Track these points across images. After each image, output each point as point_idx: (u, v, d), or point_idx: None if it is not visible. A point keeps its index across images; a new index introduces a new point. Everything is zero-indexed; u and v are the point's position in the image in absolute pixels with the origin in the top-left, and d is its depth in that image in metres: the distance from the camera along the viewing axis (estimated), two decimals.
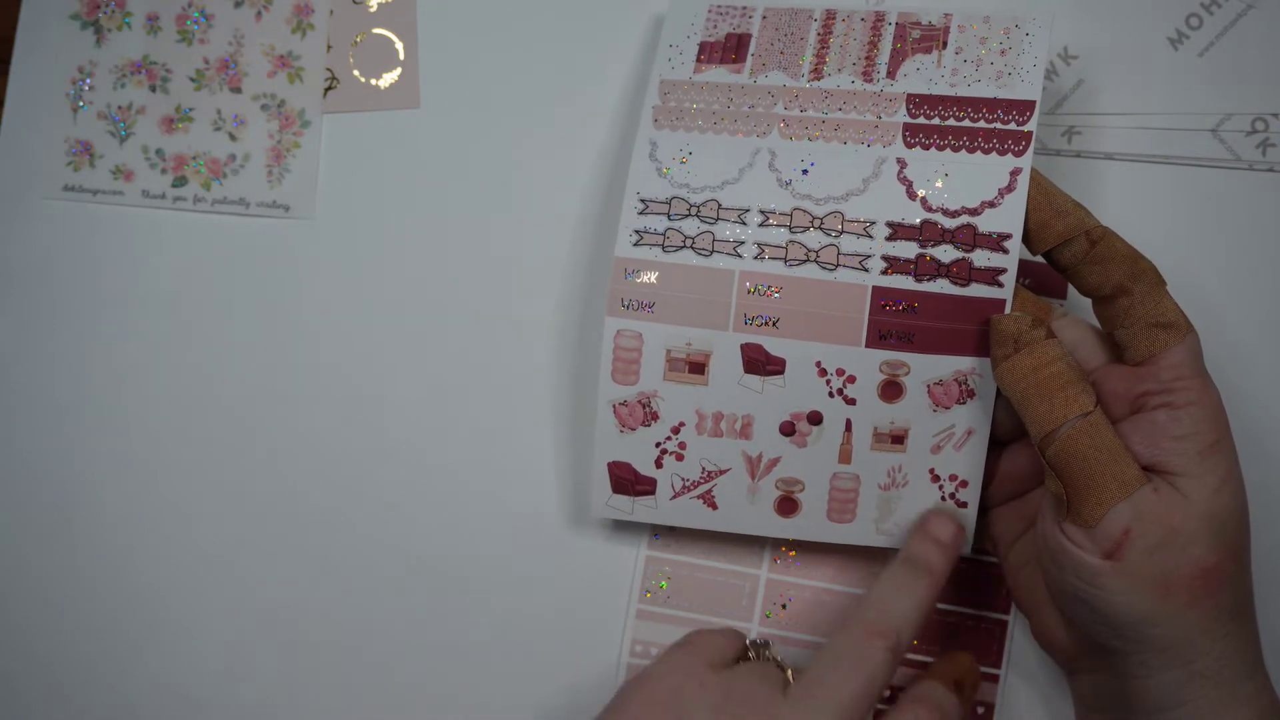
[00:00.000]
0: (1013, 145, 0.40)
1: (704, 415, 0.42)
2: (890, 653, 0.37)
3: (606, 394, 0.42)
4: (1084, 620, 0.38)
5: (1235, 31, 0.47)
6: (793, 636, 0.46)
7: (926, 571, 0.40)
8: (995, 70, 0.41)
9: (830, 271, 0.41)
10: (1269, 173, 0.47)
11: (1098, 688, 0.40)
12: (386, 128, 0.49)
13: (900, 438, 0.42)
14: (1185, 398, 0.37)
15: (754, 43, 0.43)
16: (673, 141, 0.42)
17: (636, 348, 0.42)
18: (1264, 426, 0.46)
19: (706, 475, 0.43)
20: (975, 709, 0.46)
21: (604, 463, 0.43)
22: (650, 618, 0.46)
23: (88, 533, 0.47)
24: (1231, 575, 0.37)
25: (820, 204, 0.41)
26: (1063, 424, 0.37)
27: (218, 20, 0.49)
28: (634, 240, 0.42)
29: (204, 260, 0.48)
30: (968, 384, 0.41)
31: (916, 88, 0.41)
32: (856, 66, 0.42)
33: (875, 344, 0.41)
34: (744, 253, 0.41)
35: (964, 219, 0.40)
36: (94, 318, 0.48)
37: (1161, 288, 0.39)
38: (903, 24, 0.43)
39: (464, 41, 0.49)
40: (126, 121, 0.49)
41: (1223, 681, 0.37)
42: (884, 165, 0.41)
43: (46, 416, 0.48)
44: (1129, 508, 0.36)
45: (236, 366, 0.48)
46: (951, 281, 0.40)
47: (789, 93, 0.42)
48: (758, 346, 0.41)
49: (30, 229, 0.48)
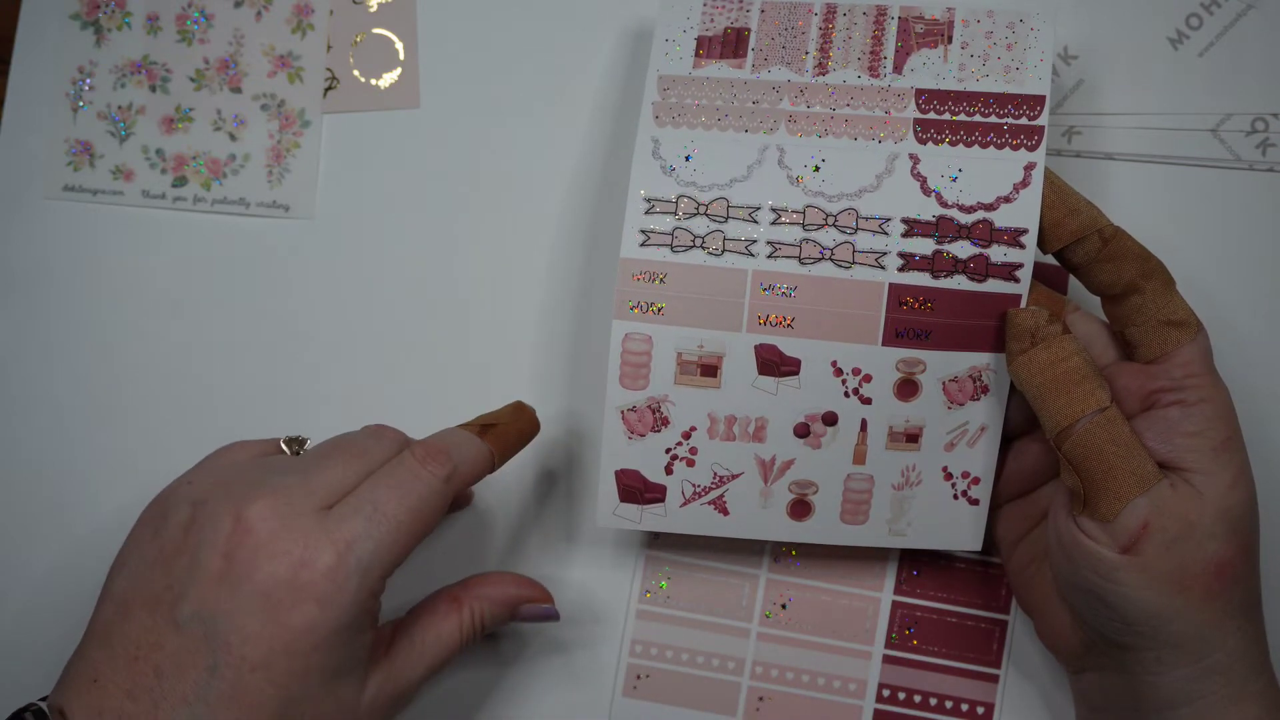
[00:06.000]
0: (1025, 140, 0.40)
1: (716, 419, 0.41)
2: (445, 482, 0.37)
3: (614, 400, 0.41)
4: (1097, 617, 0.38)
5: (1235, 31, 0.47)
6: (793, 636, 0.46)
7: (497, 437, 0.40)
8: (1003, 65, 0.41)
9: (846, 269, 0.40)
10: (1269, 173, 0.47)
11: (1104, 686, 0.40)
12: (386, 128, 0.49)
13: (915, 436, 0.41)
14: (1197, 395, 0.38)
15: (754, 37, 0.42)
16: (676, 139, 0.41)
17: (646, 351, 0.41)
18: (1265, 425, 0.46)
19: (718, 480, 0.42)
20: (975, 709, 0.46)
21: (611, 471, 0.42)
22: (650, 618, 0.46)
23: (88, 533, 0.47)
24: (1244, 571, 0.37)
25: (833, 201, 0.40)
26: (1080, 418, 0.37)
27: (218, 20, 0.49)
28: (641, 240, 0.41)
29: (204, 260, 0.48)
30: (982, 380, 0.41)
31: (925, 83, 0.41)
32: (862, 62, 0.41)
33: (892, 342, 0.41)
34: (756, 251, 0.41)
35: (980, 214, 0.40)
36: (94, 318, 0.48)
37: (1172, 286, 0.39)
38: (905, 18, 0.42)
39: (464, 42, 0.49)
40: (126, 121, 0.49)
41: (1233, 678, 0.37)
42: (897, 161, 0.40)
43: (46, 416, 0.48)
44: (1147, 502, 0.36)
45: (236, 366, 0.48)
46: (968, 277, 0.40)
47: (794, 88, 0.41)
48: (772, 347, 0.41)
49: (30, 229, 0.48)
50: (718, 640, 0.46)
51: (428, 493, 0.37)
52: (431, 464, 0.38)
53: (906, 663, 0.46)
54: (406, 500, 0.37)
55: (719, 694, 0.46)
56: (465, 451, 0.39)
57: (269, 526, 0.35)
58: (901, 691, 0.46)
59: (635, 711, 0.46)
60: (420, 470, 0.37)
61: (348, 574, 0.35)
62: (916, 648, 0.46)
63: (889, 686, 0.46)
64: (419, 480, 0.37)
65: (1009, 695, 0.46)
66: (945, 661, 0.46)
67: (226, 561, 0.35)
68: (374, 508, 0.36)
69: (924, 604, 0.46)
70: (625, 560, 0.46)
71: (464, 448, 0.39)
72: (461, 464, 0.38)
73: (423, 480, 0.37)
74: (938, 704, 0.46)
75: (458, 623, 0.40)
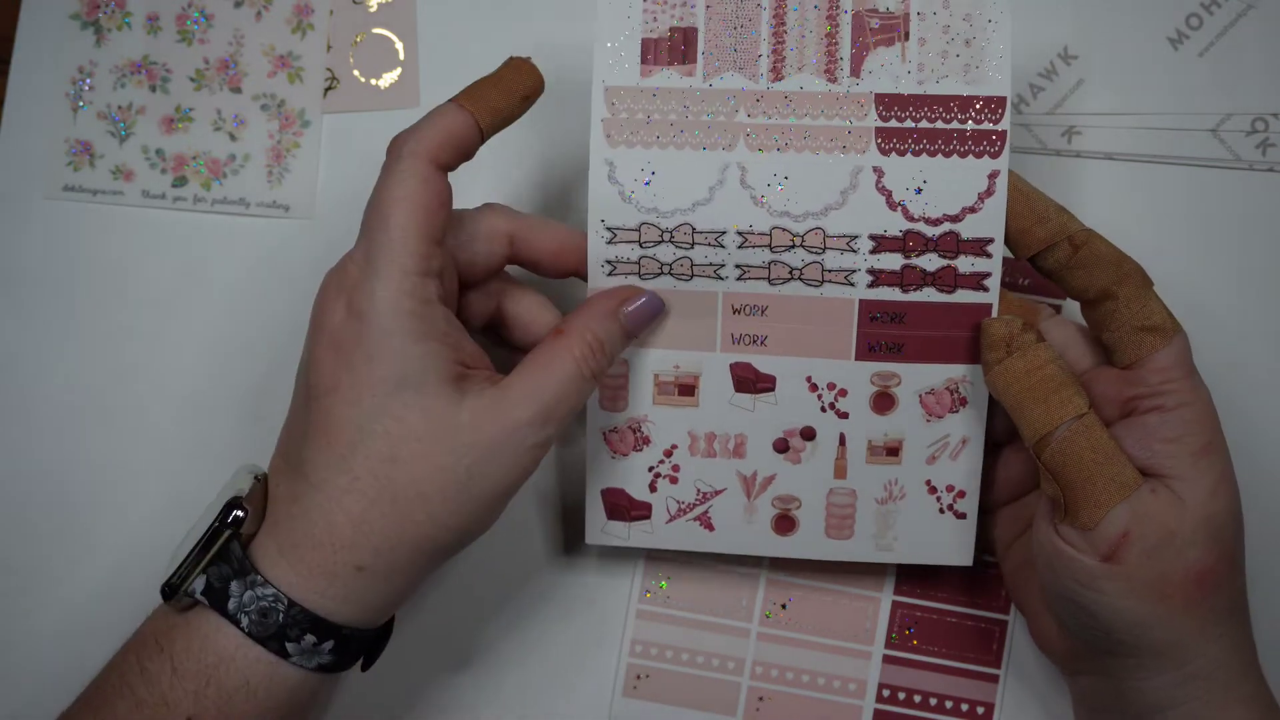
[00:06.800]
0: (988, 147, 0.39)
1: (696, 437, 0.42)
2: (428, 162, 0.37)
3: (596, 422, 0.42)
4: (1080, 624, 0.38)
5: (1235, 31, 0.47)
6: (793, 636, 0.46)
7: (472, 96, 0.39)
8: (962, 63, 0.39)
9: (816, 288, 0.40)
10: (1269, 173, 0.47)
11: (1095, 689, 0.40)
12: (386, 128, 0.48)
13: (895, 450, 0.42)
14: (1175, 400, 0.37)
15: (701, 38, 0.40)
16: (631, 160, 0.40)
17: (623, 374, 0.42)
18: (1263, 425, 0.46)
19: (702, 497, 0.42)
20: (975, 709, 0.46)
21: (598, 490, 0.43)
22: (650, 618, 0.46)
23: (87, 533, 0.47)
24: (1226, 578, 0.37)
25: (799, 220, 0.40)
26: (1058, 426, 0.37)
27: (218, 20, 0.49)
28: (608, 271, 0.40)
29: (204, 260, 0.48)
30: (959, 392, 0.41)
31: (884, 86, 0.40)
32: (818, 65, 0.40)
33: (865, 356, 0.41)
34: (725, 274, 0.40)
35: (946, 226, 0.40)
36: (94, 318, 0.48)
37: (1148, 290, 0.38)
38: (859, 12, 0.40)
39: (464, 42, 0.49)
40: (126, 121, 0.49)
41: (1217, 683, 0.37)
42: (861, 175, 0.40)
43: (46, 416, 0.48)
44: (1127, 509, 0.36)
45: (237, 366, 0.48)
46: (938, 289, 0.40)
47: (749, 97, 0.40)
48: (747, 365, 0.41)
49: (30, 229, 0.48)
50: (718, 640, 0.46)
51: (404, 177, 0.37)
52: (407, 157, 0.37)
53: (906, 663, 0.46)
54: (385, 192, 0.37)
55: (719, 694, 0.46)
56: (438, 122, 0.38)
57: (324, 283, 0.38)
58: (901, 691, 0.46)
59: (635, 711, 0.46)
60: (391, 164, 0.37)
61: (366, 277, 0.36)
62: (916, 648, 0.46)
63: (889, 686, 0.46)
64: (390, 172, 0.37)
65: (1009, 695, 0.46)
66: (945, 661, 0.46)
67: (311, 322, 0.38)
68: (374, 209, 0.37)
69: (924, 604, 0.46)
70: (625, 560, 0.46)
71: (438, 119, 0.38)
72: (433, 132, 0.38)
73: (391, 171, 0.37)
74: (938, 704, 0.46)
75: (567, 346, 0.38)
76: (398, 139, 0.38)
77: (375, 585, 0.36)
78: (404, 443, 0.36)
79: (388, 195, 0.37)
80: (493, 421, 0.36)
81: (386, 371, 0.36)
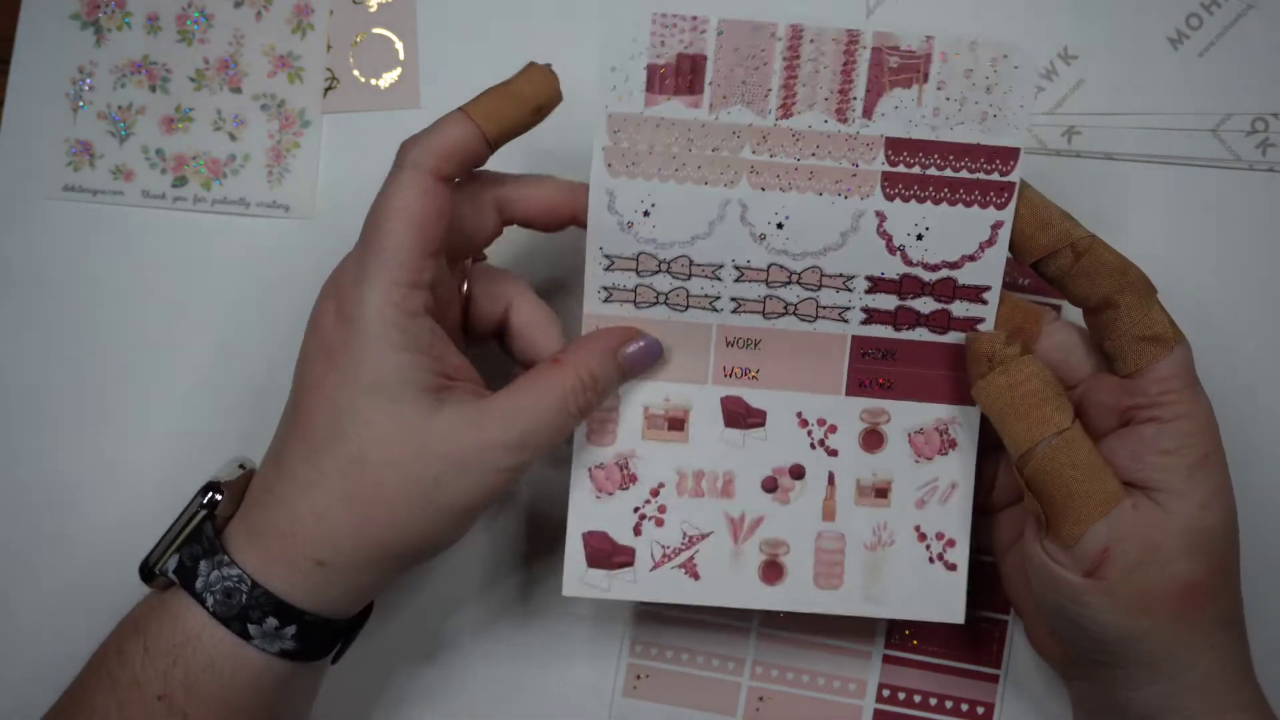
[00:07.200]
0: (995, 198, 0.39)
1: (685, 474, 0.41)
2: (428, 174, 0.37)
3: (583, 459, 0.41)
4: (1070, 635, 0.38)
5: (1235, 31, 0.47)
6: (793, 636, 0.46)
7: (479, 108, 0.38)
8: (980, 110, 0.38)
9: (810, 323, 0.40)
10: (1269, 173, 0.47)
11: (1091, 695, 0.40)
12: (386, 128, 0.49)
13: (884, 491, 0.41)
14: (1174, 411, 0.37)
15: (710, 68, 0.38)
16: (632, 191, 0.39)
17: (613, 406, 0.41)
18: (1263, 426, 0.46)
19: (688, 541, 0.41)
20: (975, 709, 0.46)
21: (579, 533, 0.41)
22: (650, 618, 0.46)
23: (87, 533, 0.47)
24: (1218, 590, 0.37)
25: (797, 259, 0.40)
26: (1038, 443, 0.37)
27: (218, 20, 0.49)
28: (604, 297, 0.40)
29: (204, 260, 0.48)
30: (949, 433, 0.41)
31: (896, 130, 0.38)
32: (829, 102, 0.38)
33: (855, 391, 0.41)
34: (721, 307, 0.40)
35: (944, 272, 0.40)
36: (94, 318, 0.48)
37: (1150, 298, 0.38)
38: (879, 48, 0.38)
39: (464, 41, 0.49)
40: (126, 121, 0.49)
41: (1210, 693, 0.37)
42: (863, 219, 0.39)
43: (45, 416, 0.48)
44: (1106, 526, 0.36)
45: (237, 366, 0.48)
46: (930, 330, 0.40)
47: (756, 133, 0.38)
48: (737, 399, 0.41)
49: (30, 229, 0.48)
50: (718, 640, 0.46)
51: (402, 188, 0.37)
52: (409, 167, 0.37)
53: (906, 663, 0.46)
54: (384, 201, 0.37)
55: (719, 694, 0.46)
56: (445, 133, 0.37)
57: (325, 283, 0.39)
58: (901, 691, 0.46)
59: (635, 711, 0.46)
60: (395, 172, 0.37)
61: (358, 283, 0.37)
62: (916, 648, 0.46)
63: (889, 686, 0.46)
64: (392, 180, 0.37)
65: (1009, 695, 0.46)
66: (945, 661, 0.46)
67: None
68: (373, 216, 0.37)
69: None
70: None
71: (446, 129, 0.37)
72: (439, 143, 0.37)
73: (394, 180, 0.37)
74: (938, 704, 0.46)
75: (560, 377, 0.38)
76: (405, 145, 0.38)
77: (335, 580, 0.37)
78: (374, 446, 0.36)
79: (386, 205, 0.37)
80: (467, 435, 0.36)
81: (366, 376, 0.36)
